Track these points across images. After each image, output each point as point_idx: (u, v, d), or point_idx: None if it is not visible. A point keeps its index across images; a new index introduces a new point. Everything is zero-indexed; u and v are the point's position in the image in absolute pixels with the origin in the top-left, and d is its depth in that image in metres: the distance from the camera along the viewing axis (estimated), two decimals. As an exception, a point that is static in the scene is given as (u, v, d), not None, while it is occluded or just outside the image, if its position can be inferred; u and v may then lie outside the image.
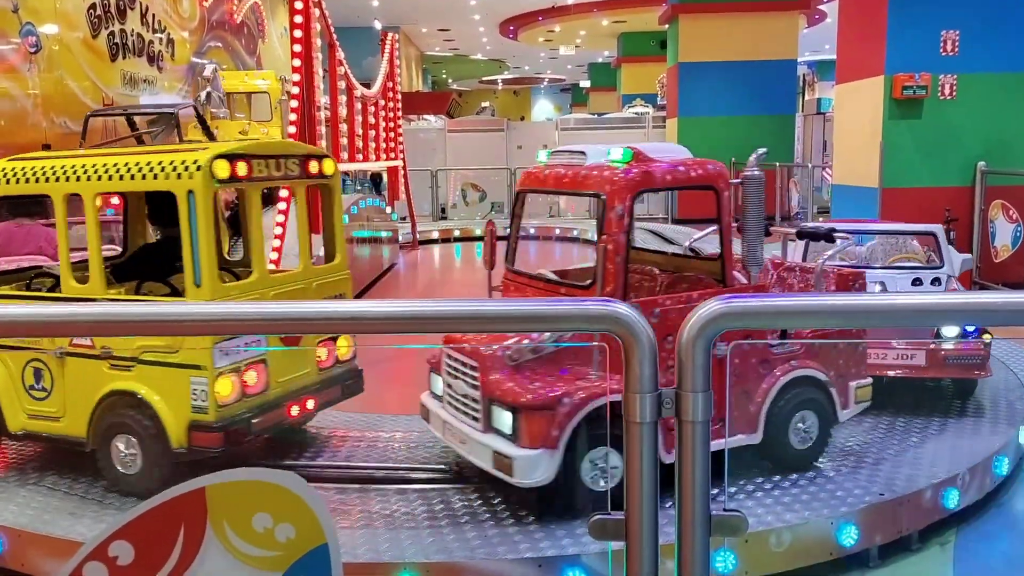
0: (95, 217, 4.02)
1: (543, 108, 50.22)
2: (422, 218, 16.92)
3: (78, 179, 4.02)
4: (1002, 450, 4.21)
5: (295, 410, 4.20)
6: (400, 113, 14.54)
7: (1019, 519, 4.13)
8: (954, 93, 9.08)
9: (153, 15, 12.05)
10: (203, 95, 11.00)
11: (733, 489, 3.80)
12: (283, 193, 7.94)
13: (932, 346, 4.77)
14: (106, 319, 1.57)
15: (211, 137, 9.47)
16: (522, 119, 36.81)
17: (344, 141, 11.12)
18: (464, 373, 3.78)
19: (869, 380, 4.21)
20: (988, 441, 4.31)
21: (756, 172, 3.95)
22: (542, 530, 3.48)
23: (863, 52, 9.64)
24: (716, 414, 3.65)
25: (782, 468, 3.96)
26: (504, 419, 3.55)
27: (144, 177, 3.88)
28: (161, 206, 4.25)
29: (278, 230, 7.73)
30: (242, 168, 3.92)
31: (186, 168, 3.77)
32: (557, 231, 15.90)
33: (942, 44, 9.02)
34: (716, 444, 3.50)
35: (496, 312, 1.50)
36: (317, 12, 8.73)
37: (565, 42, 30.36)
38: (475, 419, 3.71)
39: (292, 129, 8.16)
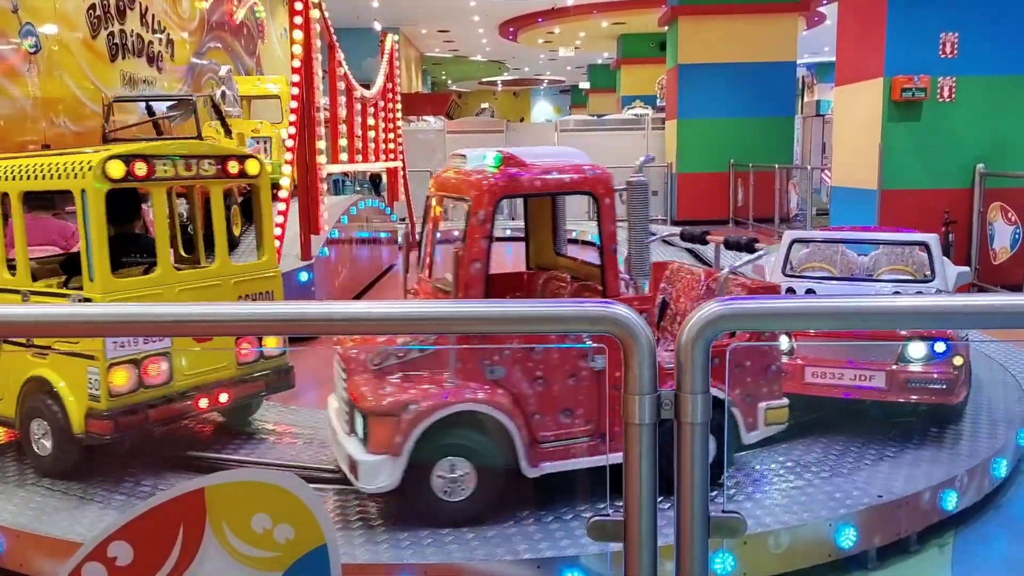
0: (21, 213, 4.27)
1: (542, 109, 50.23)
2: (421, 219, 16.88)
3: (4, 179, 4.28)
4: (1000, 452, 4.22)
5: (204, 402, 4.31)
6: (399, 114, 14.54)
7: (1017, 521, 4.13)
8: (953, 95, 9.09)
9: (153, 15, 12.05)
10: (218, 93, 11.10)
11: (732, 491, 3.81)
12: (283, 194, 7.95)
13: (893, 367, 4.39)
14: (104, 320, 1.57)
15: (226, 128, 9.65)
16: (521, 120, 36.79)
17: (343, 142, 11.12)
18: (339, 374, 3.85)
19: (784, 402, 3.98)
20: (986, 443, 4.31)
21: (640, 178, 3.78)
22: (541, 531, 3.48)
23: (862, 54, 9.65)
24: (597, 429, 3.67)
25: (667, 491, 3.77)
26: (359, 423, 3.58)
27: (52, 177, 4.13)
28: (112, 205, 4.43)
29: (277, 231, 7.73)
30: (141, 168, 4.12)
31: (81, 168, 3.99)
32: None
33: (941, 46, 9.04)
34: (597, 459, 3.54)
35: (495, 314, 1.50)
36: (317, 13, 8.72)
37: (565, 44, 30.37)
38: (346, 421, 3.77)
39: (291, 130, 8.16)
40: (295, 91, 8.24)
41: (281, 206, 7.88)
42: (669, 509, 1.46)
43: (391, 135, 13.76)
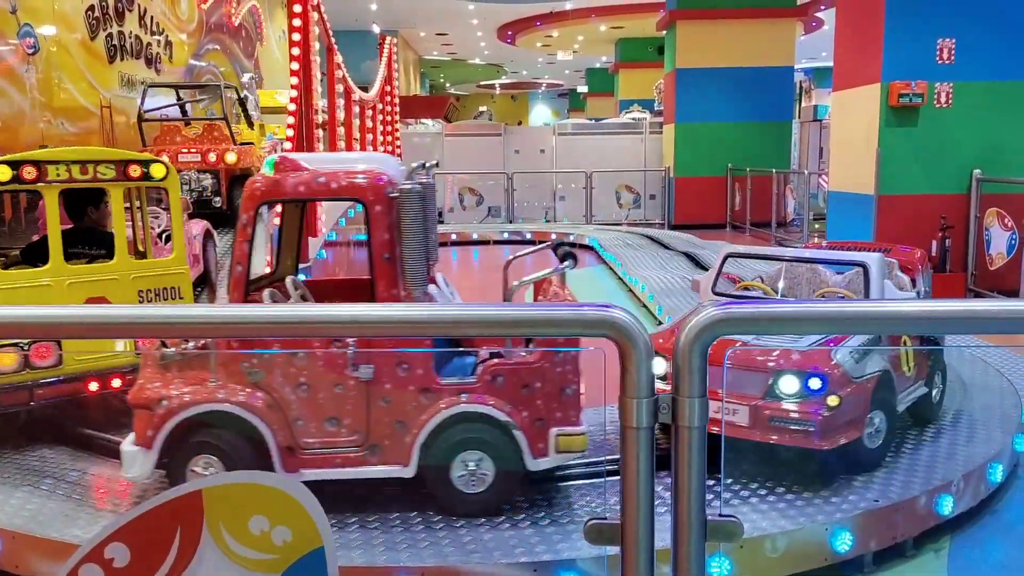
0: None
1: (541, 113, 50.29)
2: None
3: None
4: (996, 457, 4.22)
5: (94, 386, 4.64)
6: (398, 117, 14.55)
7: (1013, 526, 4.14)
8: (950, 101, 9.12)
9: (151, 17, 12.05)
10: (244, 94, 12.00)
11: (728, 495, 3.81)
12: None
13: (758, 402, 3.86)
14: (102, 321, 1.57)
15: (249, 120, 10.17)
16: (520, 124, 36.83)
17: (342, 144, 11.13)
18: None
19: (580, 428, 3.68)
20: (983, 448, 4.32)
21: (413, 185, 3.66)
22: (538, 534, 3.48)
23: (860, 60, 9.67)
24: (367, 440, 3.66)
25: (449, 511, 3.69)
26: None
27: None
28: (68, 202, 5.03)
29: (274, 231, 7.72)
30: (29, 172, 4.56)
31: None
32: (553, 236, 15.91)
33: (938, 52, 9.06)
34: (366, 470, 3.54)
35: (493, 317, 1.51)
36: (316, 16, 8.74)
37: (563, 47, 30.42)
38: None
39: (290, 132, 8.16)
40: (293, 93, 8.25)
41: (277, 207, 7.87)
42: (666, 513, 1.47)
43: (389, 138, 13.78)
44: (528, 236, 16.10)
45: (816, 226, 14.68)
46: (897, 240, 9.30)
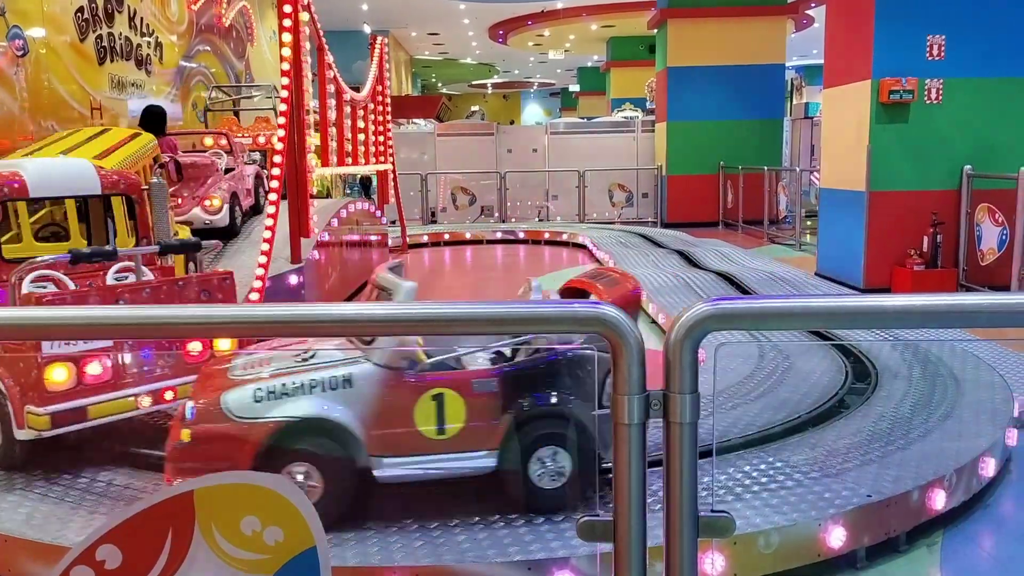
0: None
1: (533, 112, 50.31)
2: (412, 222, 16.92)
3: None
4: (988, 451, 4.24)
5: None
6: (390, 117, 14.53)
7: (1006, 520, 4.16)
8: (940, 97, 9.15)
9: (141, 18, 12.00)
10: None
11: (721, 490, 3.82)
12: (272, 197, 7.93)
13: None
14: (101, 322, 1.56)
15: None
16: (512, 123, 36.83)
17: (333, 145, 11.10)
18: None
19: (41, 410, 3.82)
20: (974, 442, 4.33)
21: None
22: (531, 533, 3.48)
23: (850, 57, 9.70)
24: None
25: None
26: None
27: None
28: None
29: (267, 234, 7.70)
30: None
31: None
32: (546, 235, 15.93)
33: (928, 49, 9.10)
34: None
35: (484, 315, 1.51)
36: (306, 16, 8.71)
37: (554, 46, 30.42)
38: None
39: (281, 132, 8.14)
40: (284, 94, 8.22)
41: (270, 209, 7.86)
42: (659, 509, 1.47)
43: (381, 138, 13.75)
44: (521, 235, 16.11)
45: (808, 223, 14.73)
46: (888, 236, 9.35)
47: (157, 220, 5.97)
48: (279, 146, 8.11)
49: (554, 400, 3.68)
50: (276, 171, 8.08)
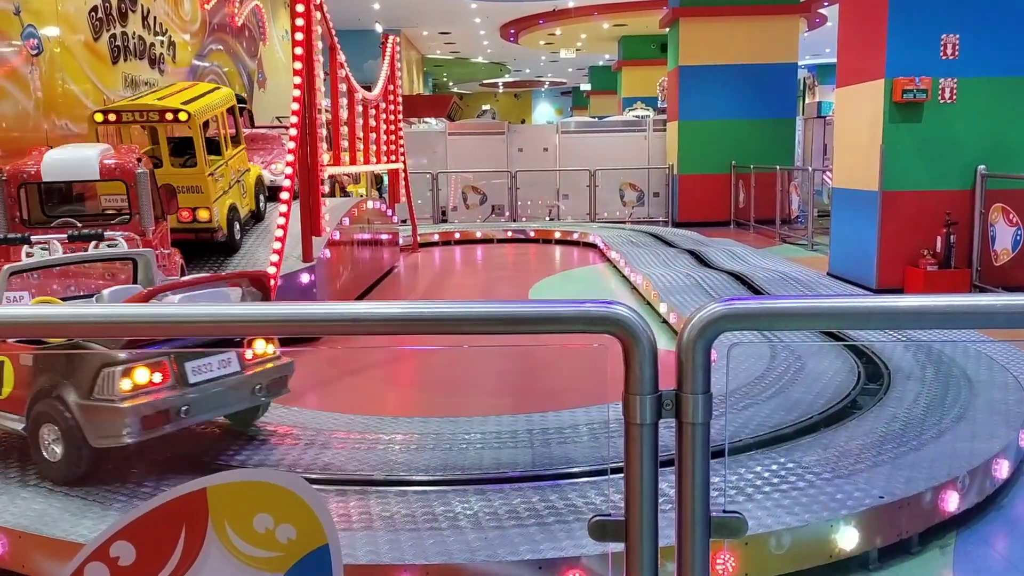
0: None
1: (544, 111, 50.28)
2: (423, 221, 16.94)
3: None
4: (1002, 453, 4.22)
5: None
6: (401, 116, 14.55)
7: (1019, 522, 4.13)
8: (954, 97, 9.10)
9: (154, 18, 12.06)
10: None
11: (733, 491, 3.81)
12: (284, 196, 7.96)
13: None
14: (105, 320, 1.57)
15: None
16: (523, 122, 36.81)
17: (345, 143, 11.13)
18: None
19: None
20: (988, 443, 4.31)
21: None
22: (542, 532, 3.48)
23: (863, 56, 9.65)
24: None
25: None
26: None
27: None
28: None
29: (279, 232, 7.73)
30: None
31: None
32: (557, 234, 15.92)
33: (942, 48, 9.04)
34: None
35: (496, 314, 1.51)
36: (318, 15, 8.74)
37: (566, 45, 30.38)
38: None
39: (293, 132, 8.17)
40: (296, 93, 8.25)
41: (283, 208, 7.89)
42: (670, 510, 1.47)
43: (393, 136, 13.78)
44: (532, 235, 16.11)
45: (820, 223, 14.67)
46: (901, 236, 9.30)
47: (141, 202, 6.82)
48: (291, 145, 8.13)
49: (54, 384, 4.11)
50: (288, 169, 8.10)
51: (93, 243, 5.68)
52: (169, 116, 8.07)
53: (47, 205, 7.36)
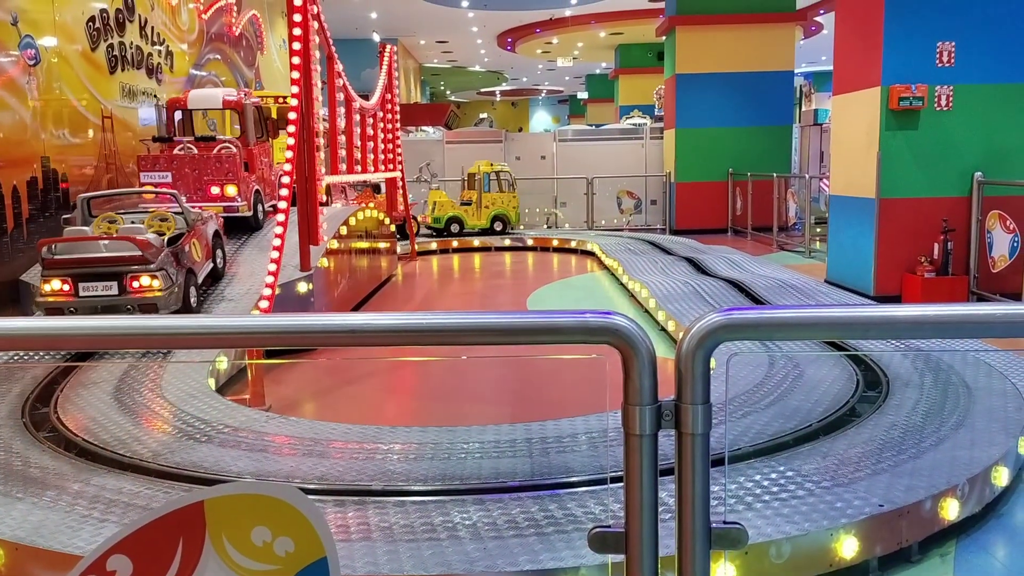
0: None
1: (541, 119, 50.39)
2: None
3: None
4: (1001, 461, 4.21)
5: None
6: (399, 124, 14.58)
7: (1019, 530, 4.12)
8: (950, 104, 9.12)
9: (152, 27, 12.08)
10: None
11: (732, 500, 3.80)
12: (282, 205, 7.95)
13: None
14: (102, 332, 1.57)
15: None
16: (520, 130, 36.86)
17: (343, 152, 11.14)
18: None
19: None
20: (987, 451, 4.30)
21: None
22: (541, 542, 3.47)
23: (860, 63, 9.68)
24: None
25: None
26: None
27: None
28: None
29: (276, 241, 7.72)
30: None
31: None
32: (555, 242, 15.93)
33: (938, 55, 9.07)
34: None
35: (495, 324, 1.50)
36: (316, 24, 8.75)
37: (563, 54, 30.48)
38: None
39: (291, 141, 8.17)
40: (294, 102, 8.25)
41: (280, 217, 7.88)
42: (670, 520, 1.46)
43: (390, 145, 13.79)
44: (529, 242, 16.12)
45: (818, 230, 14.69)
46: (899, 243, 9.31)
47: (248, 125, 10.28)
48: (288, 154, 8.13)
49: None
50: (286, 179, 8.10)
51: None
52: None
53: (189, 124, 10.62)
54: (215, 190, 9.20)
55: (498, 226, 16.67)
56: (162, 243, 7.14)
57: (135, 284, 6.74)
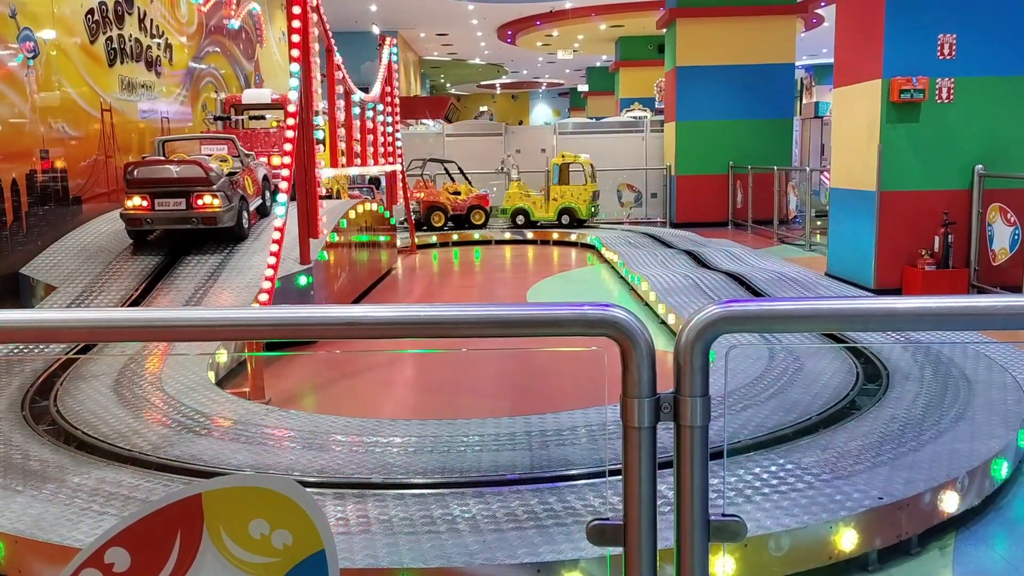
0: None
1: (541, 112, 50.31)
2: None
3: None
4: (1001, 453, 4.21)
5: None
6: (398, 117, 14.55)
7: (1018, 523, 4.13)
8: (951, 97, 9.10)
9: (151, 20, 12.05)
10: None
11: (731, 492, 3.80)
12: (281, 198, 7.95)
13: None
14: (102, 325, 1.56)
15: None
16: (520, 123, 36.80)
17: (342, 146, 11.12)
18: None
19: None
20: (987, 444, 4.30)
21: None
22: (540, 535, 3.47)
23: (861, 56, 9.66)
24: None
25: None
26: None
27: None
28: None
29: (276, 234, 7.71)
30: None
31: None
32: (555, 235, 15.92)
33: (939, 48, 9.05)
34: None
35: (493, 317, 1.50)
36: (315, 17, 8.72)
37: (563, 46, 30.41)
38: None
39: (290, 134, 8.15)
40: (293, 95, 8.23)
41: (279, 211, 7.86)
42: (669, 512, 1.46)
43: (390, 138, 13.77)
44: (529, 236, 16.11)
45: (818, 223, 14.68)
46: (899, 236, 9.31)
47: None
48: (288, 147, 8.12)
49: None
50: (285, 172, 8.09)
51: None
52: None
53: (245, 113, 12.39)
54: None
55: (565, 219, 16.27)
56: (222, 171, 8.58)
57: (199, 202, 8.16)
